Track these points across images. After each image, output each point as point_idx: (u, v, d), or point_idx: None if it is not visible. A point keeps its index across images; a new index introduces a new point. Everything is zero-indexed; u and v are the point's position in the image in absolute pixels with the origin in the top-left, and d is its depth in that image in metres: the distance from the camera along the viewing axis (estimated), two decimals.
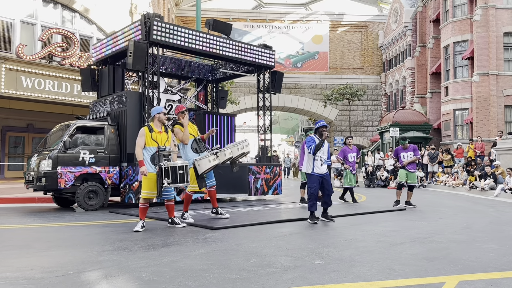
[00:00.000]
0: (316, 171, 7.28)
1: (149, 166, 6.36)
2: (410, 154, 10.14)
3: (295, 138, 55.97)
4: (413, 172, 10.23)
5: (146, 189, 6.38)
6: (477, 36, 22.56)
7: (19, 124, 18.66)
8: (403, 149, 10.25)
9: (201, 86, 13.84)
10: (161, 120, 6.54)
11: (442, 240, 5.80)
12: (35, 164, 9.33)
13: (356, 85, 33.00)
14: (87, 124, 9.87)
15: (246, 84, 31.48)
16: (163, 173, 6.23)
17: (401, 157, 10.22)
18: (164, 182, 6.24)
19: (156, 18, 9.78)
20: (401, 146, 10.35)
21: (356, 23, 34.97)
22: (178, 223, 6.79)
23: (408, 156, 10.14)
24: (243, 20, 33.91)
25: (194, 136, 7.15)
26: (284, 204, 10.65)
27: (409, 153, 10.15)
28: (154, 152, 6.40)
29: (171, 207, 6.74)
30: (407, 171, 10.16)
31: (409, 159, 10.10)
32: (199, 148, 7.17)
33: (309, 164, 7.36)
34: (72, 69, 15.72)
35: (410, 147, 10.27)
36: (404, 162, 10.13)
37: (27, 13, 16.41)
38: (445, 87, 25.09)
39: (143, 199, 6.46)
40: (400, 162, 10.21)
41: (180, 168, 6.37)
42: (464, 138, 23.23)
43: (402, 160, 10.17)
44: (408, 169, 10.15)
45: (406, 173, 10.16)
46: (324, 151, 7.37)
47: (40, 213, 8.91)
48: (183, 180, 6.38)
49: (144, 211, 6.51)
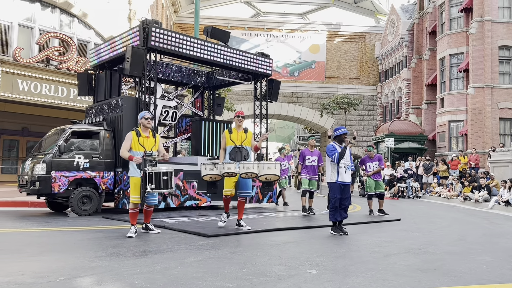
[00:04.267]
0: (340, 179, 7.13)
1: (135, 170, 6.34)
2: (375, 164, 10.31)
3: (291, 147, 56.05)
4: (379, 180, 10.44)
5: (134, 194, 6.37)
6: (473, 49, 22.78)
7: (14, 128, 18.57)
8: (369, 159, 10.38)
9: (198, 93, 13.85)
10: (144, 125, 6.48)
11: (436, 251, 5.80)
12: (29, 168, 9.27)
13: (352, 95, 33.16)
14: (83, 128, 9.83)
15: (242, 92, 31.55)
16: (147, 178, 6.19)
17: (367, 167, 10.36)
18: (147, 188, 6.20)
19: (154, 25, 9.80)
20: (367, 155, 10.49)
21: (353, 34, 35.24)
22: (152, 229, 6.80)
23: (373, 166, 10.29)
24: (241, 28, 34.07)
25: (235, 143, 7.13)
26: (279, 212, 10.63)
27: (374, 163, 10.31)
28: (140, 156, 6.33)
29: (149, 213, 6.73)
30: (374, 180, 10.30)
31: (375, 169, 10.25)
32: (237, 157, 7.06)
33: (333, 172, 7.16)
34: (69, 73, 15.70)
35: (376, 157, 10.44)
36: (369, 172, 10.29)
37: (25, 17, 16.41)
38: (440, 99, 25.26)
39: (132, 204, 6.45)
40: (366, 171, 10.38)
41: (164, 174, 6.29)
42: (459, 149, 23.35)
43: (368, 170, 10.33)
44: (375, 178, 10.30)
45: (374, 182, 10.30)
46: (347, 157, 7.23)
47: (33, 218, 8.83)
48: (166, 186, 6.31)
49: (134, 216, 6.47)
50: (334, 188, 7.16)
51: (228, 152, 7.13)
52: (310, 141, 10.57)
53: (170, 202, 10.07)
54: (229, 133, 7.19)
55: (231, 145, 7.12)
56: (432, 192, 18.19)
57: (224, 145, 7.22)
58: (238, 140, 7.15)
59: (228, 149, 7.14)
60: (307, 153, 10.19)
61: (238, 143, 7.13)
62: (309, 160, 10.12)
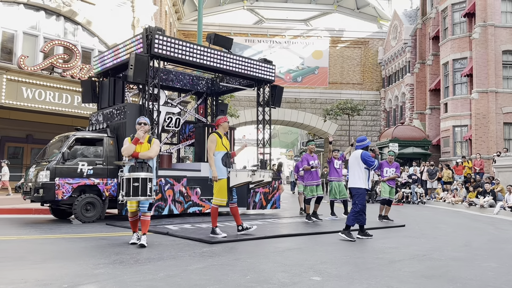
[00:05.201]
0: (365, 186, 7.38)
1: None
2: (393, 170, 10.30)
3: (294, 152, 55.97)
4: (393, 187, 10.48)
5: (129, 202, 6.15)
6: (476, 53, 22.74)
7: (19, 135, 18.64)
8: (388, 164, 10.38)
9: (201, 99, 13.89)
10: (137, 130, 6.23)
11: (441, 257, 5.75)
12: (33, 175, 9.29)
13: (355, 100, 33.13)
14: (86, 135, 9.86)
15: (246, 98, 31.59)
16: (120, 185, 5.93)
17: (384, 171, 10.34)
18: (119, 195, 5.98)
19: (157, 32, 9.85)
20: (386, 160, 10.50)
21: (356, 39, 35.28)
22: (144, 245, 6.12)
23: (390, 172, 10.27)
24: (244, 35, 34.19)
25: (226, 149, 7.02)
26: (283, 218, 10.59)
27: (391, 169, 10.29)
28: (133, 163, 6.11)
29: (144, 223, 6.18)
30: (390, 186, 10.28)
31: (391, 175, 10.23)
32: (228, 163, 6.99)
33: (363, 179, 7.33)
34: (73, 81, 15.77)
35: (394, 164, 10.45)
36: (385, 177, 10.27)
37: (30, 25, 16.54)
38: (444, 104, 25.19)
39: (129, 212, 6.28)
40: (382, 176, 10.36)
41: (135, 181, 5.90)
42: (463, 155, 23.23)
43: (384, 175, 10.31)
44: (390, 184, 10.31)
45: (389, 188, 10.27)
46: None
47: (37, 225, 8.84)
48: (136, 193, 5.89)
49: (134, 223, 6.31)
50: (362, 194, 7.32)
51: (220, 158, 6.89)
52: (310, 146, 10.45)
53: (173, 208, 10.06)
54: (219, 137, 7.00)
55: (223, 151, 6.92)
56: (436, 197, 18.09)
57: (213, 150, 6.88)
58: (228, 146, 7.08)
59: (220, 155, 6.88)
60: (309, 158, 10.16)
61: (228, 149, 7.05)
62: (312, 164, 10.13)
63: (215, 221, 7.00)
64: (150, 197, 6.04)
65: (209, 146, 6.91)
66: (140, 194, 5.94)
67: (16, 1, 15.96)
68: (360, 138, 7.62)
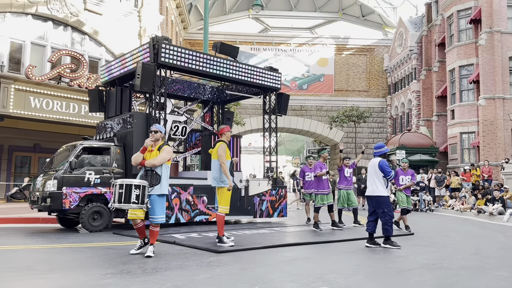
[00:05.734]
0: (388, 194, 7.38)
1: None
2: (408, 178, 10.15)
3: (300, 160, 55.84)
4: (409, 196, 10.30)
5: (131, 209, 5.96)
6: (483, 60, 22.64)
7: (26, 144, 18.76)
8: (403, 172, 10.23)
9: (207, 108, 13.91)
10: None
11: (451, 266, 5.67)
12: (41, 184, 9.33)
13: (361, 107, 33.04)
14: (94, 144, 9.90)
15: (251, 106, 31.63)
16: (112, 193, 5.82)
17: (400, 180, 10.20)
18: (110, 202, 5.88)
19: (164, 41, 9.91)
20: (401, 168, 10.35)
21: (361, 47, 35.29)
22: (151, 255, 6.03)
23: (406, 180, 10.13)
24: (250, 43, 34.33)
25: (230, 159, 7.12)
26: (290, 227, 10.53)
27: (407, 177, 10.15)
28: (142, 171, 6.04)
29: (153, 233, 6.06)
30: (406, 195, 10.13)
31: (407, 183, 10.09)
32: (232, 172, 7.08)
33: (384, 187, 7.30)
34: (80, 90, 15.89)
35: (409, 171, 10.27)
36: (401, 186, 10.14)
37: (38, 35, 16.72)
38: (451, 111, 25.05)
39: (132, 221, 6.13)
40: (398, 185, 10.21)
41: (120, 187, 5.76)
42: (472, 161, 23.04)
43: (400, 184, 10.17)
44: (406, 193, 10.16)
45: (406, 197, 10.13)
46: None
47: (44, 234, 8.86)
48: (120, 200, 5.76)
49: (138, 231, 6.14)
50: (388, 202, 7.27)
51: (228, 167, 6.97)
52: (323, 154, 10.39)
53: (180, 217, 10.03)
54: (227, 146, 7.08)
55: (229, 160, 7.05)
56: (445, 205, 17.92)
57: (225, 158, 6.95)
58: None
59: (228, 164, 6.96)
60: (322, 166, 10.13)
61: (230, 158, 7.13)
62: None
63: (222, 229, 6.98)
64: (136, 204, 5.77)
65: (220, 154, 6.91)
66: (123, 201, 5.74)
67: (24, 12, 16.16)
68: (377, 145, 7.54)
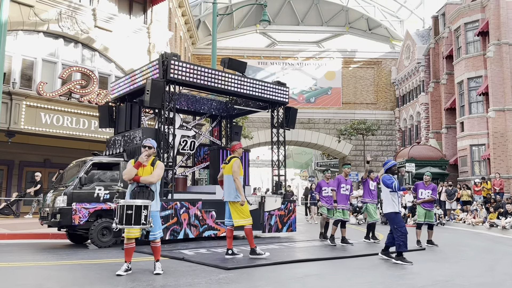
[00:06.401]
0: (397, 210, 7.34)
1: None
2: (429, 192, 9.97)
3: (308, 173, 55.62)
4: (430, 210, 10.06)
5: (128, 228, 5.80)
6: (491, 72, 22.53)
7: (37, 159, 18.93)
8: (424, 185, 10.08)
9: (215, 122, 13.97)
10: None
11: (465, 283, 5.56)
12: (51, 200, 9.37)
13: (370, 120, 32.96)
14: (103, 160, 9.95)
15: (259, 119, 31.70)
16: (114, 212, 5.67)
17: (419, 193, 10.06)
18: (113, 223, 5.71)
19: (173, 58, 10.02)
20: (422, 182, 10.19)
21: (369, 60, 35.35)
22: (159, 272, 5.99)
23: (426, 194, 9.97)
24: (257, 58, 34.57)
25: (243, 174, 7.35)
26: (299, 242, 10.43)
27: (427, 191, 9.97)
28: (133, 187, 5.88)
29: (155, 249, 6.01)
30: (425, 209, 9.96)
31: (426, 197, 9.93)
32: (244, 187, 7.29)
33: (394, 202, 7.31)
34: (90, 106, 16.06)
35: (430, 185, 10.08)
36: (420, 199, 10.00)
37: (49, 52, 16.99)
38: (460, 123, 24.87)
39: (126, 239, 5.87)
40: (418, 198, 10.09)
41: (129, 208, 5.60)
42: (482, 174, 22.76)
43: (419, 197, 10.04)
44: (425, 207, 9.97)
45: (425, 211, 9.96)
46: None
47: (53, 250, 8.87)
48: (129, 222, 5.60)
49: (128, 252, 5.90)
50: (395, 218, 7.28)
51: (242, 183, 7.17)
52: (345, 169, 10.15)
53: (189, 232, 10.00)
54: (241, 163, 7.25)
55: (241, 175, 7.17)
56: (456, 218, 17.68)
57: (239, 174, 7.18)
58: None
59: (241, 180, 7.15)
60: (342, 181, 10.01)
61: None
62: (343, 188, 9.97)
63: (253, 241, 7.08)
64: (145, 225, 5.70)
65: (235, 170, 7.07)
66: (134, 223, 5.61)
67: (36, 30, 16.46)
68: (384, 162, 7.65)
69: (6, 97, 14.16)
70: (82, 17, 17.41)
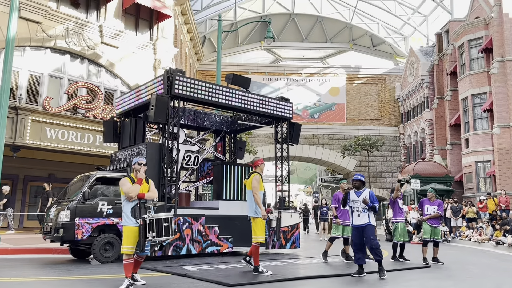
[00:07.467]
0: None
1: (128, 219, 6.02)
2: (434, 208, 9.86)
3: (313, 188, 55.39)
4: (437, 227, 9.92)
5: (127, 244, 5.97)
6: (495, 88, 22.55)
7: (41, 174, 18.99)
8: (429, 201, 9.97)
9: (219, 137, 14.00)
10: (136, 170, 6.20)
11: None
12: (54, 214, 9.37)
13: (374, 135, 32.94)
14: (107, 175, 9.97)
15: (263, 134, 31.76)
16: (147, 226, 5.89)
17: (425, 209, 9.96)
18: (149, 236, 5.88)
19: (178, 73, 10.12)
20: (427, 198, 10.09)
21: (373, 76, 35.50)
22: (138, 280, 6.36)
23: (431, 210, 9.86)
24: (262, 74, 34.82)
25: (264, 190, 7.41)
26: (303, 259, 10.33)
27: (433, 207, 9.87)
28: (135, 204, 6.03)
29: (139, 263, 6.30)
30: (431, 226, 9.84)
31: (432, 213, 9.82)
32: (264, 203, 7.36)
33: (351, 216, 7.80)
34: (95, 121, 16.17)
35: (436, 202, 9.97)
36: (426, 216, 9.88)
37: (55, 67, 17.19)
38: (465, 139, 24.80)
39: (125, 255, 6.01)
40: (424, 215, 9.98)
41: (165, 221, 6.03)
42: (488, 190, 22.58)
43: (425, 214, 9.94)
44: (431, 224, 9.85)
45: (430, 228, 9.84)
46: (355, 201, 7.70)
47: (56, 265, 8.83)
48: (168, 233, 6.03)
49: (129, 267, 6.02)
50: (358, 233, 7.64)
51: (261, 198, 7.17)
52: (342, 184, 10.01)
53: (191, 248, 9.94)
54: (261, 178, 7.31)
55: (263, 191, 7.21)
56: (461, 236, 17.47)
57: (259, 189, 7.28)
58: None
59: (261, 195, 7.19)
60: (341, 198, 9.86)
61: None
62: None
63: (258, 259, 7.05)
64: (173, 236, 6.15)
65: (254, 185, 7.20)
66: (170, 234, 6.06)
67: (43, 46, 16.70)
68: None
69: (12, 112, 14.30)
70: (89, 33, 17.66)
